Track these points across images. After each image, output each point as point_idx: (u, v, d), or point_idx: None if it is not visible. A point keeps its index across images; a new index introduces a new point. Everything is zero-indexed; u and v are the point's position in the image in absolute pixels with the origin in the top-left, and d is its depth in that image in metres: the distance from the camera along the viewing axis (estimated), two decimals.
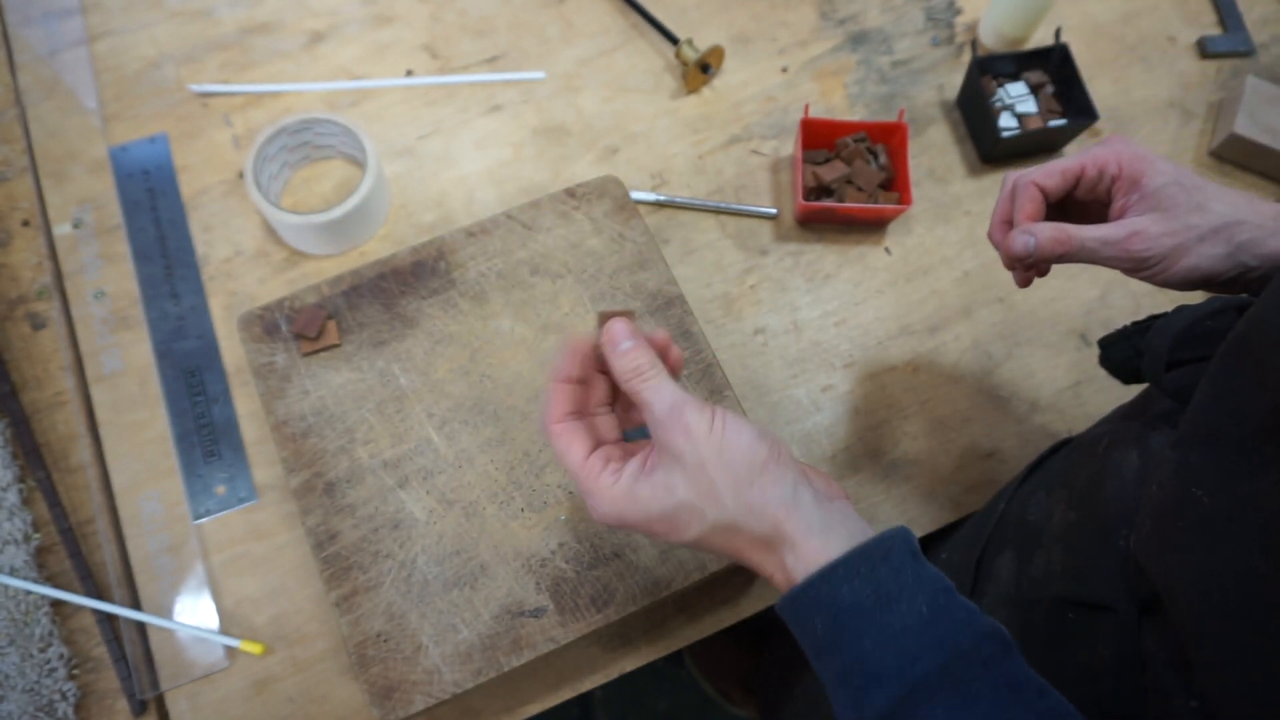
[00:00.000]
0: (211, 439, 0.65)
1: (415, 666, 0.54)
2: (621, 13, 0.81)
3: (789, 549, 0.40)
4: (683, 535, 0.42)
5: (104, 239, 0.70)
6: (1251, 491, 0.36)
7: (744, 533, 0.41)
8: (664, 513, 0.41)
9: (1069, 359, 0.71)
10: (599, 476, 0.42)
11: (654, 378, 0.43)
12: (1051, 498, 0.53)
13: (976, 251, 0.74)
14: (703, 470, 0.40)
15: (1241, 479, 0.36)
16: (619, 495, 0.42)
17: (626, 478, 0.42)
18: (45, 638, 0.58)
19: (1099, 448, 0.51)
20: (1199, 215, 0.47)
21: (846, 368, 0.70)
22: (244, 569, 0.62)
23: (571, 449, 0.43)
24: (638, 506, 0.41)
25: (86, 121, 0.74)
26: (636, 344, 0.44)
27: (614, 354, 0.44)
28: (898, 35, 0.82)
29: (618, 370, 0.43)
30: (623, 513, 0.42)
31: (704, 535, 0.41)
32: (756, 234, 0.74)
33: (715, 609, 0.63)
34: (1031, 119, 0.75)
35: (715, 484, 0.40)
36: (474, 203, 0.73)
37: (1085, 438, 0.55)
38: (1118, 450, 0.49)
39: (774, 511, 0.40)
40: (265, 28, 0.79)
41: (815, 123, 0.73)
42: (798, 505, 0.40)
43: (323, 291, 0.63)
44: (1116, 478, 0.47)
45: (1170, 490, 0.41)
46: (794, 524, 0.40)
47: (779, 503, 0.40)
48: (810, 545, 0.39)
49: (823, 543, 0.39)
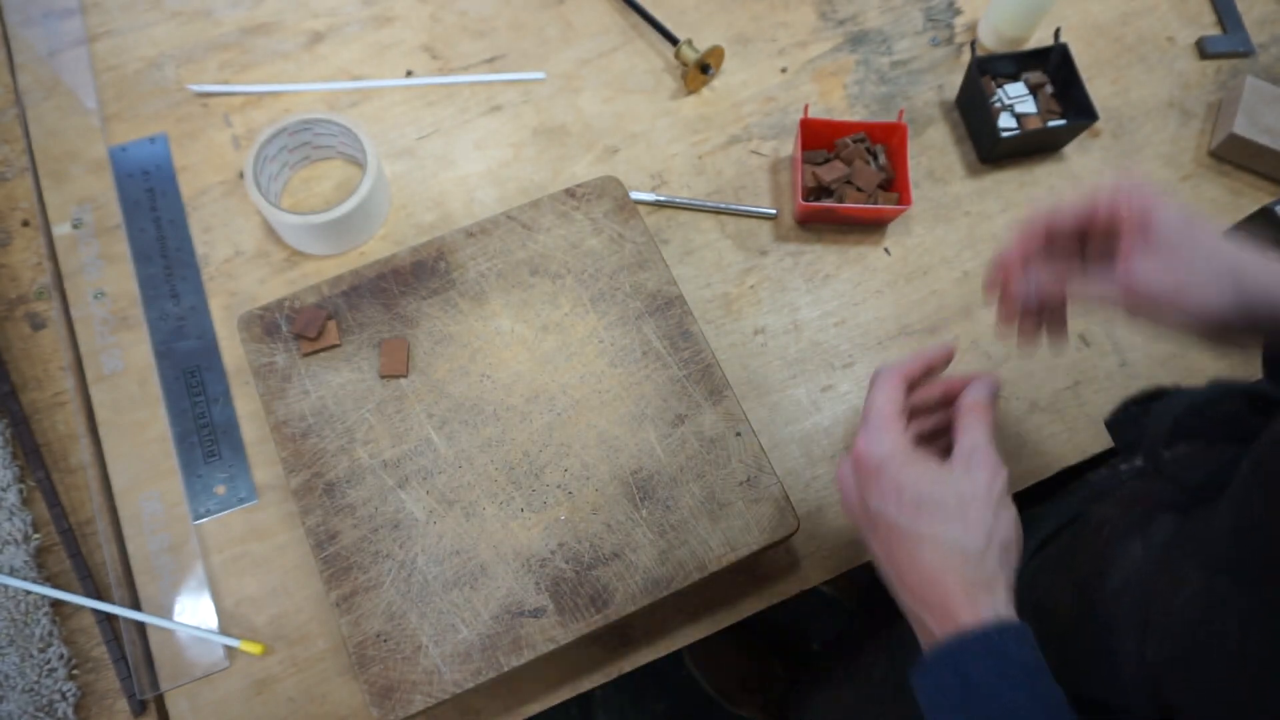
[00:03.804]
0: (211, 439, 0.65)
1: (415, 666, 0.54)
2: (621, 13, 0.81)
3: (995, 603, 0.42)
4: (910, 524, 0.44)
5: (104, 239, 0.70)
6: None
7: (970, 568, 0.42)
8: (918, 489, 0.44)
9: (1068, 360, 0.71)
10: (896, 424, 0.46)
11: (984, 417, 0.47)
12: (1057, 583, 0.53)
13: (976, 252, 0.74)
14: (975, 504, 0.43)
15: (1275, 615, 0.36)
16: (904, 449, 0.45)
17: (914, 449, 0.46)
18: (45, 638, 0.58)
19: (1102, 534, 0.51)
20: (1204, 257, 0.46)
21: (846, 368, 0.70)
22: (244, 569, 0.62)
23: (890, 393, 0.47)
24: (906, 465, 0.45)
25: (86, 121, 0.74)
26: (989, 394, 0.49)
27: (979, 383, 0.49)
28: (897, 36, 0.82)
29: (969, 395, 0.48)
30: (887, 458, 0.45)
31: (926, 538, 0.43)
32: (756, 234, 0.74)
33: (715, 609, 0.63)
34: (1031, 119, 0.75)
35: (980, 519, 0.43)
36: (474, 203, 0.73)
37: (1091, 520, 0.55)
38: (1120, 540, 0.49)
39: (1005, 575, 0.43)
40: (265, 28, 0.79)
41: (815, 123, 0.73)
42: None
43: (323, 291, 0.63)
44: (1119, 571, 0.47)
45: (1194, 615, 0.40)
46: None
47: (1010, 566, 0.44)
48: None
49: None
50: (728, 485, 0.59)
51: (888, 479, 0.45)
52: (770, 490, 0.59)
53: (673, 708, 1.26)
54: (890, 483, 0.45)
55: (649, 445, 0.60)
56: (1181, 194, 0.77)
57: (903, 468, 0.45)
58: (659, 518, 0.58)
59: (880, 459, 0.45)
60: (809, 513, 0.65)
